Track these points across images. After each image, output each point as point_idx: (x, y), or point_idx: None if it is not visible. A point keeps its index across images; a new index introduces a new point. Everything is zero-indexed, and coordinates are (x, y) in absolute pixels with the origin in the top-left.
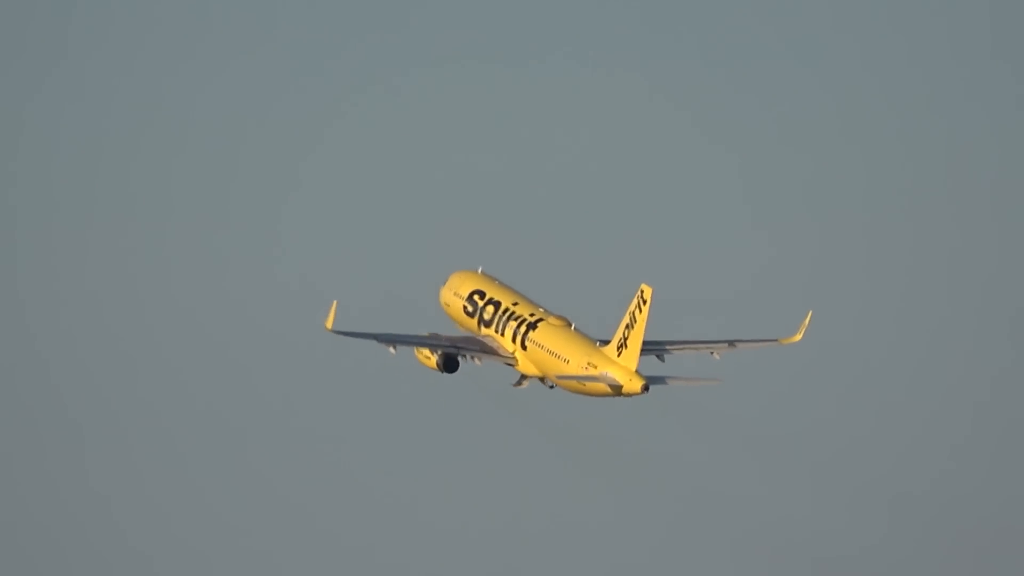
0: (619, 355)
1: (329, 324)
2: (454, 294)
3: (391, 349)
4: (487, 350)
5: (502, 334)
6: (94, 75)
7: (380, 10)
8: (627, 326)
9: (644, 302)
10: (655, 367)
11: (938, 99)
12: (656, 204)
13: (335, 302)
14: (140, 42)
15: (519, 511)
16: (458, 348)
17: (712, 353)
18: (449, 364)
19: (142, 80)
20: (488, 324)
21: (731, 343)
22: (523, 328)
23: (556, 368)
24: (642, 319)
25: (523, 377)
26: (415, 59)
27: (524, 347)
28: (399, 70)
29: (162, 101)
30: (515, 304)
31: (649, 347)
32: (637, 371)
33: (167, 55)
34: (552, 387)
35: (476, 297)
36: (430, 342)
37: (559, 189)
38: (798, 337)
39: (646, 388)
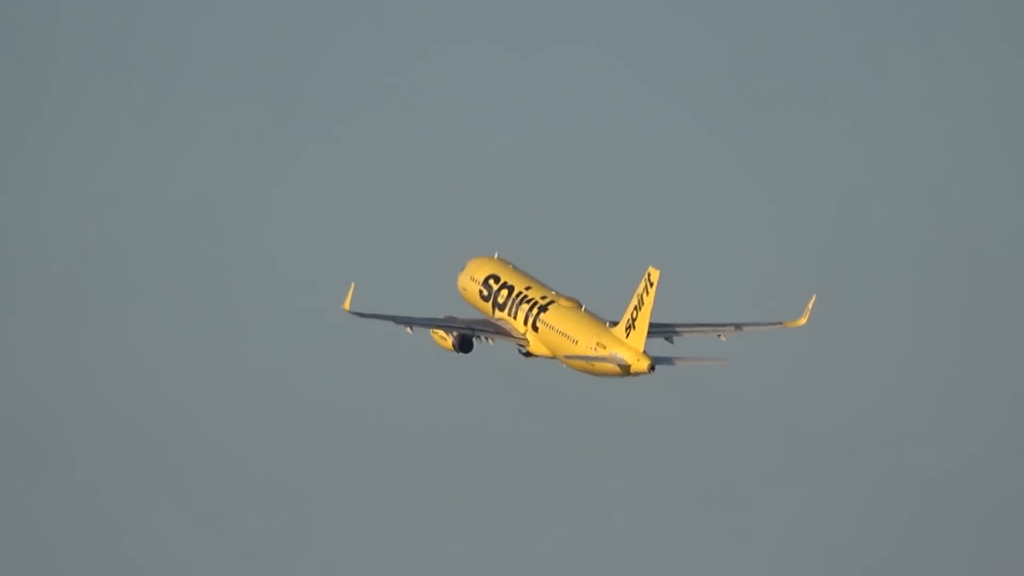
0: (627, 336)
1: (347, 305)
2: (471, 279)
3: (408, 329)
4: (501, 332)
5: (515, 316)
6: (101, 68)
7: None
8: (635, 308)
9: (651, 284)
10: (663, 349)
11: (945, 90)
12: (665, 190)
13: (352, 284)
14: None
15: (530, 489)
16: (473, 330)
17: (719, 336)
18: (464, 345)
19: (136, 76)
20: (502, 307)
21: (738, 326)
22: (535, 310)
23: (566, 349)
24: (649, 301)
25: (529, 353)
26: (429, 44)
27: (536, 329)
28: (415, 55)
29: (166, 92)
30: (528, 288)
31: (658, 330)
32: (644, 351)
33: (164, 51)
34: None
35: (491, 281)
36: (446, 324)
37: (571, 175)
38: (803, 320)
39: (652, 368)
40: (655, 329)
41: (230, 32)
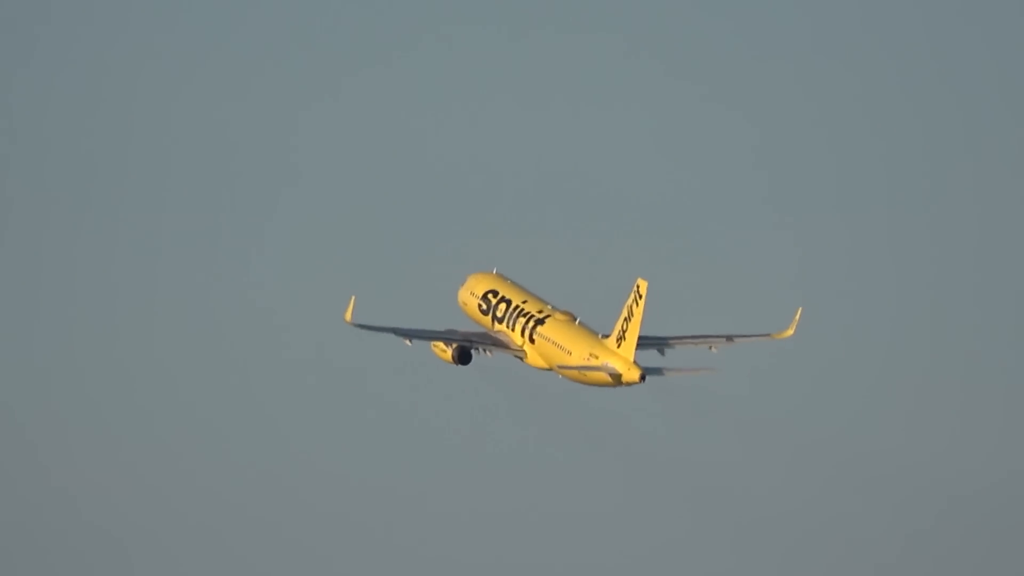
0: (618, 347)
1: (348, 317)
2: (470, 294)
3: (407, 341)
4: (499, 344)
5: (512, 329)
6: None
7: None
8: (625, 319)
9: (640, 296)
10: (654, 359)
11: (933, 97)
12: (657, 203)
13: (353, 297)
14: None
15: (529, 495)
16: (471, 342)
17: (710, 347)
18: (463, 356)
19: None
20: (500, 320)
21: (728, 338)
22: (532, 323)
23: (561, 359)
24: (639, 312)
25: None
26: (427, 53)
27: (532, 340)
28: (414, 65)
29: (156, 94)
30: (524, 302)
31: (651, 342)
32: (635, 361)
33: (162, 47)
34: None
35: (490, 296)
36: (446, 336)
37: (566, 190)
38: (790, 332)
39: (643, 377)
40: (649, 341)
41: (220, 31)
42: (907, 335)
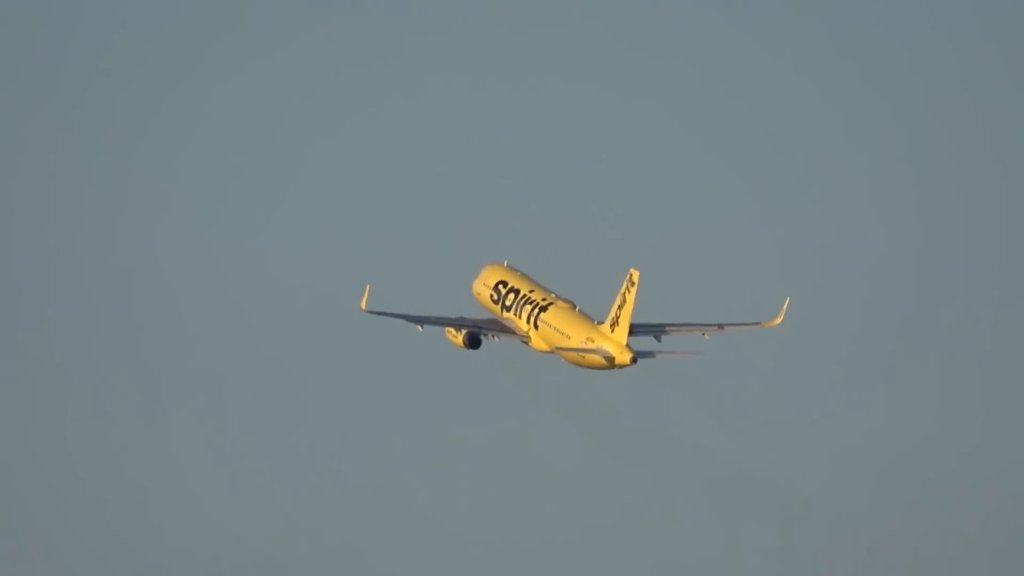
0: (612, 331)
1: (363, 305)
2: (483, 284)
3: (419, 327)
4: (506, 329)
5: (519, 316)
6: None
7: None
8: (619, 306)
9: (633, 284)
10: (646, 343)
11: (923, 95)
12: (652, 198)
13: (368, 286)
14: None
15: (535, 474)
16: (480, 328)
17: (703, 334)
18: (473, 342)
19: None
20: (508, 308)
21: (720, 326)
22: (536, 311)
23: (561, 343)
24: (631, 299)
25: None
26: (438, 52)
27: (536, 326)
28: (418, 72)
29: (172, 99)
30: (531, 291)
31: (647, 328)
32: (627, 345)
33: (171, 55)
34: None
35: (500, 286)
36: (457, 322)
37: (572, 188)
38: (779, 320)
39: (635, 360)
40: (646, 328)
41: (241, 45)
42: (889, 328)
